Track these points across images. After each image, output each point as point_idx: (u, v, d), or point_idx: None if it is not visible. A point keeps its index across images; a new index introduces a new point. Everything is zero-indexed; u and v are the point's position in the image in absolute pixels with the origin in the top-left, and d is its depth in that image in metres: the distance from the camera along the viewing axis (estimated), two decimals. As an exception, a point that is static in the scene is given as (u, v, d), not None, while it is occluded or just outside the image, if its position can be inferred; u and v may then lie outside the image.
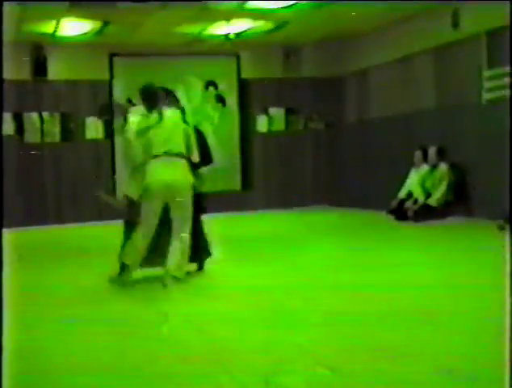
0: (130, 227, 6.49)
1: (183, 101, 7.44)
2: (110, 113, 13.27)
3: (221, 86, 14.01)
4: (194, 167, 6.58)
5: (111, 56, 13.43)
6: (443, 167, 11.05)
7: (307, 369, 3.61)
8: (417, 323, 4.53)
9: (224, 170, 13.61)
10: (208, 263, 7.01)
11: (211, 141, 14.38)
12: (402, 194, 11.52)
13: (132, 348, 4.19)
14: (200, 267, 6.95)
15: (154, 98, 6.56)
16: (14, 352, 3.70)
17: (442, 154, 11.16)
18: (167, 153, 6.29)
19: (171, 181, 6.26)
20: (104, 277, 6.48)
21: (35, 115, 13.01)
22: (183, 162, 6.38)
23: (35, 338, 4.54)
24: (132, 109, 7.06)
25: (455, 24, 10.91)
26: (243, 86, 14.12)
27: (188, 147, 6.47)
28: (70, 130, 13.27)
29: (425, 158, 11.45)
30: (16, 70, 12.13)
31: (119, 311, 5.35)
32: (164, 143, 6.30)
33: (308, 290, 5.85)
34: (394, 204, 11.43)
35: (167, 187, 6.24)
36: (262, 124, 14.21)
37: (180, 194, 6.24)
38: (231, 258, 7.73)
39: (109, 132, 13.42)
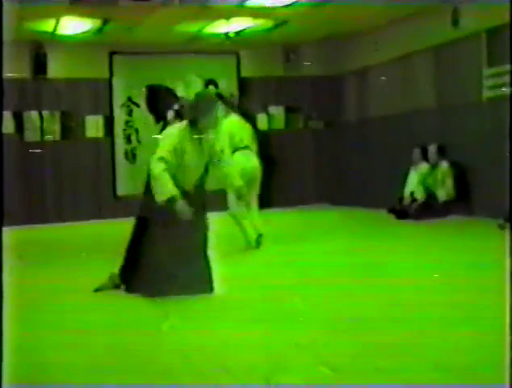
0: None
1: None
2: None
3: (221, 85, 14.00)
4: None
5: (111, 54, 13.43)
6: (444, 165, 11.04)
7: (307, 369, 3.61)
8: (418, 322, 4.53)
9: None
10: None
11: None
12: (404, 193, 11.52)
13: (131, 347, 4.18)
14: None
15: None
16: (14, 351, 3.69)
17: (442, 153, 11.16)
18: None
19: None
20: (103, 276, 6.44)
21: (35, 114, 13.00)
22: None
23: (36, 336, 4.54)
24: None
25: (455, 23, 10.91)
26: (243, 85, 14.12)
27: None
28: (70, 128, 13.27)
29: (424, 157, 11.45)
30: (16, 69, 12.13)
31: (118, 310, 5.35)
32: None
33: (308, 289, 5.85)
34: (396, 203, 11.44)
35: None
36: (262, 122, 14.20)
37: None
38: (230, 257, 7.73)
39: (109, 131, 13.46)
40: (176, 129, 5.80)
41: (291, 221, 11.90)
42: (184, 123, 5.81)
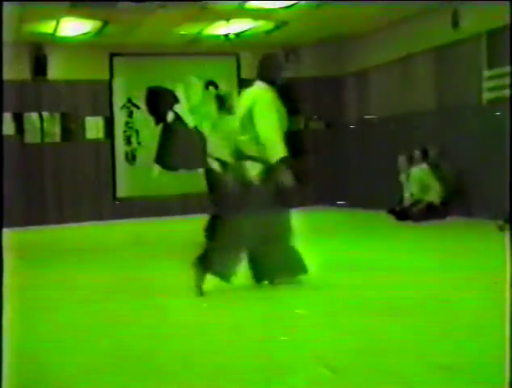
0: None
1: (183, 101, 7.41)
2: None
3: (221, 86, 14.02)
4: None
5: (111, 56, 13.44)
6: (424, 168, 11.15)
7: (308, 370, 3.61)
8: (417, 322, 4.53)
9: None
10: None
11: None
12: (404, 194, 11.54)
13: (131, 348, 4.18)
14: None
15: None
16: (14, 352, 3.69)
17: (425, 156, 11.35)
18: None
19: None
20: (103, 277, 6.44)
21: (35, 116, 13.01)
22: None
23: (35, 337, 4.54)
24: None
25: (455, 24, 10.92)
26: (243, 86, 14.10)
27: None
28: (70, 130, 13.28)
29: (424, 159, 11.49)
30: (16, 70, 12.13)
31: (117, 310, 5.34)
32: None
33: (307, 290, 5.84)
34: (396, 204, 11.45)
35: None
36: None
37: None
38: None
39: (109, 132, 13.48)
40: (264, 90, 5.53)
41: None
42: (263, 84, 5.55)
